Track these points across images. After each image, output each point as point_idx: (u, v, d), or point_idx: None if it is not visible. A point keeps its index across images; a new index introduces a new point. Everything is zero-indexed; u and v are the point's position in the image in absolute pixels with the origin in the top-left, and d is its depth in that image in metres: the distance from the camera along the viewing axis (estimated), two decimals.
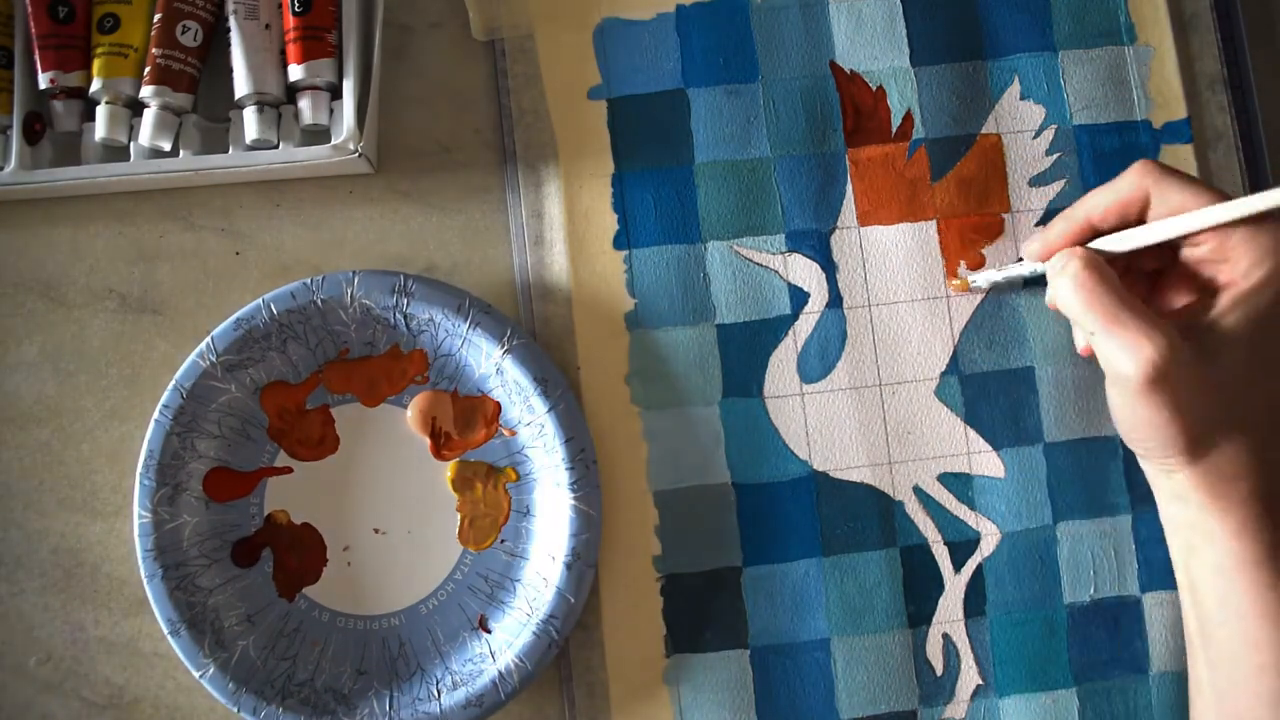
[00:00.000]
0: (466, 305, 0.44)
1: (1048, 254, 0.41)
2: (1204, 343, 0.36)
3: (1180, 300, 0.40)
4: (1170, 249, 0.39)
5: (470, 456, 0.45)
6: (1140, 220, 0.39)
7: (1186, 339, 0.36)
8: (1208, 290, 0.38)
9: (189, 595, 0.43)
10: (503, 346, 0.44)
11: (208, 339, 0.43)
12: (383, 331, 0.45)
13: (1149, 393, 0.36)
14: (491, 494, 0.45)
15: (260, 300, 0.43)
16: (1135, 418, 0.37)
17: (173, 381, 0.43)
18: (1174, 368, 0.35)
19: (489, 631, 0.44)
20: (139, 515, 0.43)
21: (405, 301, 0.44)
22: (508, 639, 0.43)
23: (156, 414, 0.43)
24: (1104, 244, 0.40)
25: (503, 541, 0.45)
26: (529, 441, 0.45)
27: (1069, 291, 0.38)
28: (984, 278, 0.45)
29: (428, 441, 0.45)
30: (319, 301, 0.44)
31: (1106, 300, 0.36)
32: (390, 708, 0.43)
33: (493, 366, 0.44)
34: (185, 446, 0.44)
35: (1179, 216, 0.37)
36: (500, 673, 0.43)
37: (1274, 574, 0.36)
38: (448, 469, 0.45)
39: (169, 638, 0.42)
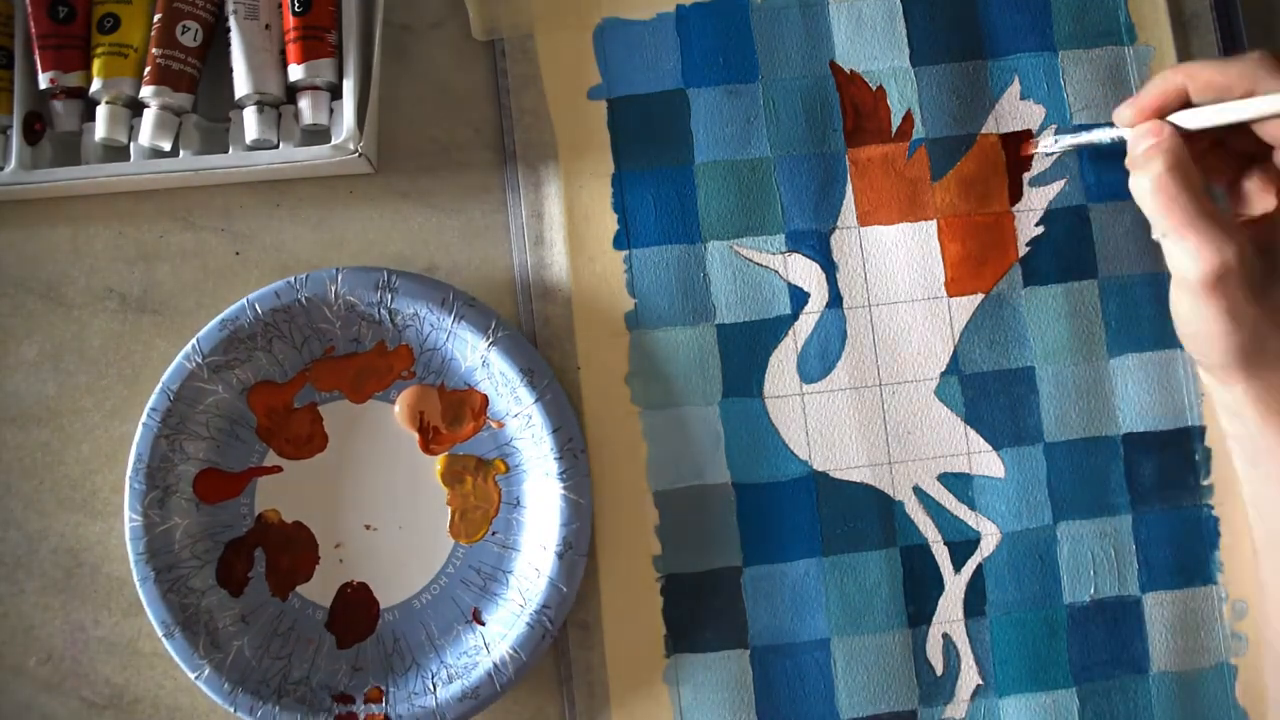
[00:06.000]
0: (451, 299, 0.44)
1: (1140, 118, 0.40)
2: (1275, 260, 0.37)
3: (1264, 199, 0.40)
4: (1265, 144, 0.39)
5: (459, 450, 0.45)
6: None
7: (1259, 254, 0.37)
8: None
9: (182, 597, 0.43)
10: (488, 339, 0.44)
11: (193, 340, 0.43)
12: (368, 328, 0.45)
13: (1209, 298, 0.36)
14: (481, 486, 0.45)
15: (245, 300, 0.43)
16: (1195, 322, 0.38)
17: (159, 384, 0.43)
18: (1238, 277, 0.36)
19: (483, 624, 0.44)
20: (129, 519, 0.43)
21: (389, 297, 0.44)
22: (502, 630, 0.44)
23: (144, 417, 0.43)
24: (1182, 118, 0.39)
25: (494, 533, 0.45)
26: (517, 433, 0.45)
27: (1148, 191, 0.38)
28: (1062, 143, 0.44)
29: (416, 436, 0.45)
30: (303, 300, 0.44)
31: (1183, 203, 0.37)
32: (386, 703, 0.43)
33: (479, 359, 0.44)
34: (174, 449, 0.44)
35: (1263, 98, 0.37)
36: (495, 664, 0.43)
37: None
38: (437, 463, 0.45)
39: (164, 640, 0.42)
